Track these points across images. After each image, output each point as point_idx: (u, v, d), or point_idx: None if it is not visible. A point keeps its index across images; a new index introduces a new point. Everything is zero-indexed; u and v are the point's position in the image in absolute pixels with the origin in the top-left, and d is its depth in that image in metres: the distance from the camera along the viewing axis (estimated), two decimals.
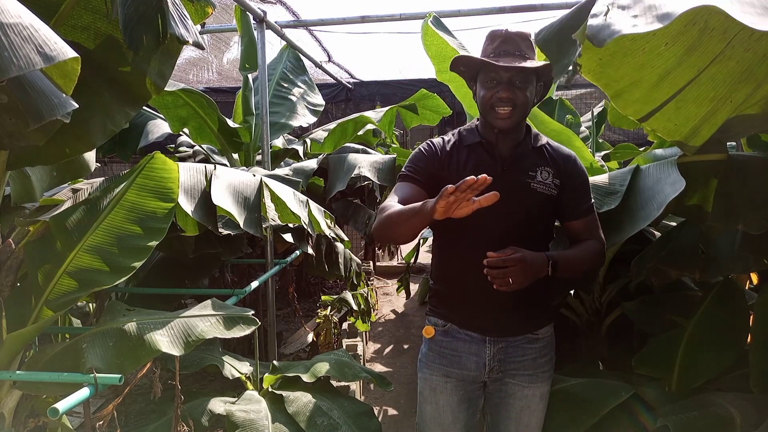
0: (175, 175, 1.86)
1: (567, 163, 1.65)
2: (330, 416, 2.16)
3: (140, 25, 1.57)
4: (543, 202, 1.59)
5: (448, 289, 1.67)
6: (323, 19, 4.41)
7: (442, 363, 1.65)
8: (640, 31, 1.09)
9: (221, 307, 1.84)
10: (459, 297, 1.65)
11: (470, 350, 1.62)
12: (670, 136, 1.67)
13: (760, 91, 1.50)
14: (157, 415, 2.17)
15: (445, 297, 1.68)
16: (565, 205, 1.63)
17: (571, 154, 1.68)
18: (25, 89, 1.26)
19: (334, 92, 7.52)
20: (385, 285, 6.75)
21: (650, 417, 1.93)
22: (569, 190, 1.63)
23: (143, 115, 4.13)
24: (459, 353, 1.63)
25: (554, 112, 4.05)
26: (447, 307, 1.67)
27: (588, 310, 2.81)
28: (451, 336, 1.64)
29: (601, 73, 1.40)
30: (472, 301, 1.61)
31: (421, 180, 1.60)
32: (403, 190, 1.58)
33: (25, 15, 1.12)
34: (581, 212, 1.64)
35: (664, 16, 1.09)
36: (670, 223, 2.51)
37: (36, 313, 1.70)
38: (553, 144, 1.69)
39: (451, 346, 1.64)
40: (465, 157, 1.61)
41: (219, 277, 3.74)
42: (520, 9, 3.89)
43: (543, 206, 1.60)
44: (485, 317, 1.61)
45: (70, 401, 1.39)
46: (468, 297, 1.62)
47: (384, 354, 4.56)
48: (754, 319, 2.01)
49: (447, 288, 1.68)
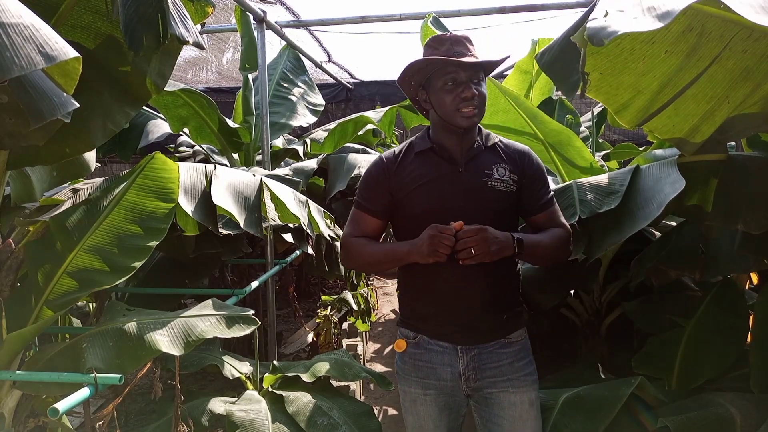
0: (175, 175, 1.86)
1: (522, 158, 1.63)
2: (330, 416, 2.16)
3: (141, 25, 1.57)
4: (503, 199, 1.57)
5: (416, 298, 1.64)
6: (323, 19, 4.41)
7: (419, 375, 1.61)
8: (640, 29, 1.10)
9: (221, 307, 1.84)
10: (427, 306, 1.61)
11: (443, 361, 1.58)
12: (668, 134, 1.67)
13: (758, 92, 1.50)
14: (157, 415, 2.17)
15: (413, 307, 1.65)
16: (525, 201, 1.61)
17: (525, 148, 1.67)
18: (26, 89, 1.26)
19: (334, 92, 7.53)
20: (385, 285, 6.75)
21: (650, 416, 1.93)
22: (527, 184, 1.61)
23: (143, 115, 4.13)
24: (433, 364, 1.59)
25: (554, 112, 4.05)
26: (416, 317, 1.63)
27: (588, 310, 2.81)
28: (423, 348, 1.61)
29: (601, 83, 1.40)
30: (439, 309, 1.58)
31: (377, 210, 1.62)
32: (362, 226, 1.63)
33: (26, 15, 1.12)
34: (542, 205, 1.63)
35: (664, 15, 1.09)
36: (670, 223, 2.51)
37: (36, 313, 1.70)
38: (505, 141, 1.66)
39: (424, 358, 1.60)
40: (417, 164, 1.59)
41: (219, 277, 3.74)
42: (520, 9, 3.90)
43: (503, 203, 1.58)
44: (454, 325, 1.57)
45: (70, 401, 1.39)
46: (436, 305, 1.59)
47: (384, 354, 4.56)
48: (754, 319, 2.01)
49: (414, 297, 1.65)
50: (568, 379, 2.33)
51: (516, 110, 2.58)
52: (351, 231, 1.63)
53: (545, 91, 4.04)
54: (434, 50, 1.54)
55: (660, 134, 1.67)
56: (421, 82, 1.59)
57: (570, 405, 1.91)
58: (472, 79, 1.51)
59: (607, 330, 2.79)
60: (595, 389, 1.98)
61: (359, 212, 1.64)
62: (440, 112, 1.55)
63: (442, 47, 1.53)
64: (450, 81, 1.51)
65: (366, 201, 1.63)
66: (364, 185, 1.65)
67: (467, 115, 1.51)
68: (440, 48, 1.53)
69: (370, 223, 1.63)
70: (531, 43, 3.96)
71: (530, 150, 1.68)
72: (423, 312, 1.62)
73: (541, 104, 3.94)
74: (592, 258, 1.96)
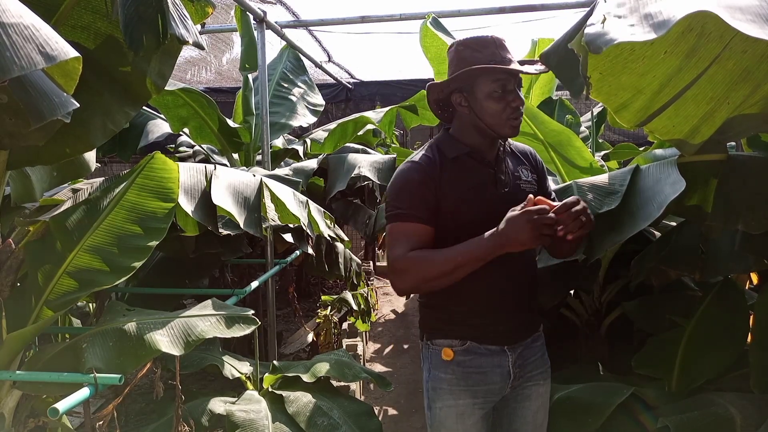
0: (175, 175, 1.86)
1: (534, 157, 1.67)
2: (330, 416, 2.16)
3: (141, 25, 1.57)
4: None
5: (460, 303, 1.53)
6: (323, 19, 4.41)
7: (468, 384, 1.52)
8: (637, 39, 1.10)
9: (221, 306, 1.84)
10: (476, 311, 1.54)
11: (493, 363, 1.53)
12: (668, 135, 1.67)
13: (759, 92, 1.50)
14: (157, 415, 2.17)
15: (460, 315, 1.54)
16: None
17: (529, 147, 1.69)
18: (26, 89, 1.26)
19: (334, 92, 7.53)
20: (385, 285, 6.75)
21: (650, 417, 1.93)
22: (541, 182, 1.65)
23: (143, 115, 4.13)
24: (484, 369, 1.53)
25: (554, 112, 4.05)
26: (463, 324, 1.54)
27: (588, 310, 2.81)
28: (473, 353, 1.52)
29: (601, 84, 1.40)
30: (488, 312, 1.54)
31: (428, 218, 1.44)
32: (416, 238, 1.42)
33: (27, 15, 1.12)
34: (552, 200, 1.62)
35: (660, 25, 1.09)
36: (670, 223, 2.51)
37: (36, 313, 1.70)
38: (512, 142, 1.67)
39: (474, 364, 1.52)
40: (457, 171, 1.51)
41: (219, 277, 3.74)
42: (520, 9, 3.90)
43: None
44: (502, 326, 1.55)
45: (70, 401, 1.39)
46: (485, 309, 1.54)
47: (384, 354, 4.56)
48: (754, 319, 2.01)
49: (461, 304, 1.54)
50: (568, 378, 2.33)
51: None
52: (404, 248, 1.41)
53: (545, 91, 4.05)
54: (475, 53, 1.46)
55: (660, 135, 1.67)
56: (460, 85, 1.49)
57: (560, 406, 1.92)
58: (516, 87, 1.49)
59: (607, 330, 2.79)
60: (588, 392, 1.99)
61: (408, 224, 1.43)
62: (486, 120, 1.48)
63: (485, 50, 1.46)
64: (500, 88, 1.45)
65: (413, 209, 1.44)
66: (405, 194, 1.46)
67: (516, 125, 1.49)
68: (484, 51, 1.46)
69: (423, 233, 1.44)
70: (531, 43, 3.96)
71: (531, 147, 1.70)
72: (470, 317, 1.53)
73: (541, 104, 3.95)
74: (592, 258, 1.96)
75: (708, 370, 2.07)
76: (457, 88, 1.50)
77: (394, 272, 1.42)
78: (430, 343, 1.57)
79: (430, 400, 1.57)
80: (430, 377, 1.57)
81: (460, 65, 1.47)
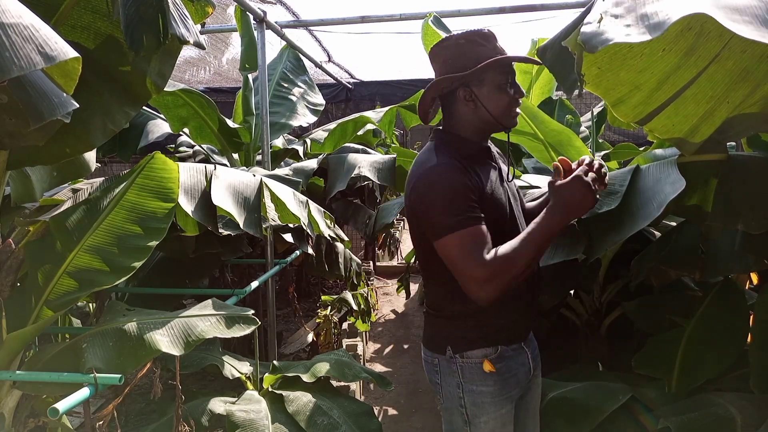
0: (175, 175, 1.86)
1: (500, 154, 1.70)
2: (330, 416, 2.16)
3: (141, 25, 1.57)
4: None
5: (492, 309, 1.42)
6: (323, 19, 4.41)
7: (506, 389, 1.47)
8: (632, 41, 1.10)
9: (221, 306, 1.84)
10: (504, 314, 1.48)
11: (519, 362, 1.51)
12: (668, 134, 1.67)
13: (758, 92, 1.50)
14: (157, 415, 2.17)
15: (490, 320, 1.47)
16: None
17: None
18: (26, 89, 1.26)
19: (334, 92, 7.53)
20: (385, 285, 6.75)
21: (650, 418, 1.93)
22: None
23: (143, 115, 4.13)
24: (514, 371, 1.49)
25: (554, 112, 4.05)
26: (494, 330, 1.48)
27: (588, 310, 2.82)
28: (504, 358, 1.48)
29: (600, 79, 1.40)
30: (514, 312, 1.51)
31: (482, 217, 1.36)
32: (486, 239, 1.33)
33: (26, 15, 1.12)
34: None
35: (656, 27, 1.09)
36: (670, 223, 2.51)
37: (36, 313, 1.70)
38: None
39: (508, 369, 1.48)
40: (476, 169, 1.44)
41: (219, 277, 3.74)
42: (520, 9, 3.90)
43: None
44: (521, 323, 1.54)
45: (70, 401, 1.39)
46: (511, 309, 1.50)
47: (384, 354, 4.56)
48: (754, 319, 2.01)
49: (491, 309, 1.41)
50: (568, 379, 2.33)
51: None
52: (480, 254, 1.30)
53: (545, 91, 4.05)
54: (480, 46, 1.44)
55: (660, 134, 1.67)
56: (469, 80, 1.44)
57: (553, 406, 1.92)
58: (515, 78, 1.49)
59: (607, 330, 2.79)
60: (584, 393, 1.99)
61: (473, 228, 1.33)
62: (494, 112, 1.45)
63: (489, 43, 1.44)
64: (508, 80, 1.44)
65: (473, 210, 1.35)
66: (459, 197, 1.35)
67: (515, 115, 1.49)
68: (488, 44, 1.44)
69: (486, 234, 1.35)
70: (531, 43, 3.96)
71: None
72: (501, 320, 1.47)
73: (541, 104, 3.95)
74: (592, 258, 1.96)
75: (708, 370, 2.07)
76: (464, 83, 1.45)
77: (480, 282, 1.29)
78: (459, 356, 1.46)
79: (471, 416, 1.47)
80: (465, 392, 1.46)
81: (463, 59, 1.43)
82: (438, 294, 1.53)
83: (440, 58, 1.48)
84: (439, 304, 1.52)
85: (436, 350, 1.51)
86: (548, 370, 3.03)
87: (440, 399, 1.52)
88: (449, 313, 1.49)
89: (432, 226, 1.37)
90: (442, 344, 1.49)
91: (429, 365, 1.54)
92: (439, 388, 1.51)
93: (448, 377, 1.48)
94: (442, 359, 1.49)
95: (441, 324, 1.51)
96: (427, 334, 1.56)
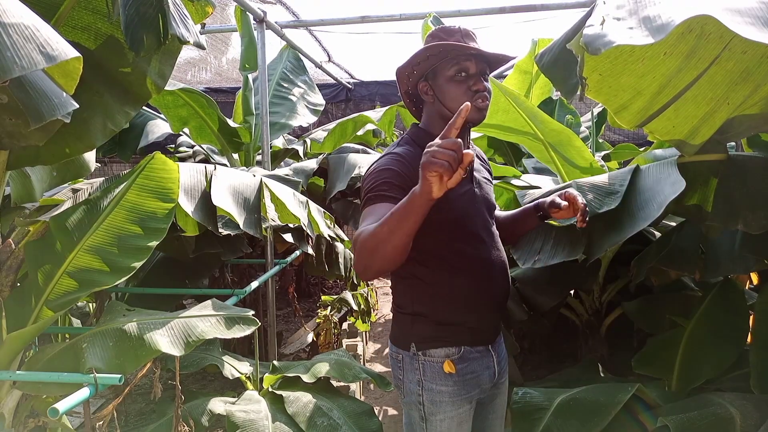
0: (175, 175, 1.86)
1: (483, 156, 1.70)
2: (330, 416, 2.16)
3: (141, 25, 1.57)
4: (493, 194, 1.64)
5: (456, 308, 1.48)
6: (323, 19, 4.41)
7: (467, 391, 1.49)
8: (635, 43, 1.10)
9: (221, 307, 1.84)
10: (468, 312, 1.49)
11: (483, 365, 1.52)
12: (668, 136, 1.67)
13: (758, 93, 1.50)
14: (157, 415, 2.17)
15: (454, 319, 1.48)
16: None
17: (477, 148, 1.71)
18: (26, 89, 1.26)
19: (334, 92, 7.53)
20: (385, 285, 6.75)
21: (650, 417, 1.93)
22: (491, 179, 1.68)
23: (143, 115, 4.14)
24: (477, 373, 1.50)
25: (554, 112, 4.05)
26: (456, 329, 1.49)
27: (588, 310, 2.82)
28: (467, 359, 1.49)
29: (601, 85, 1.40)
30: (479, 312, 1.51)
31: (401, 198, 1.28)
32: (384, 213, 1.25)
33: (27, 15, 1.12)
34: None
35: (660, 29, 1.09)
36: (670, 223, 2.51)
37: (36, 313, 1.70)
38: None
39: (470, 370, 1.49)
40: None
41: (219, 277, 3.75)
42: (520, 9, 3.90)
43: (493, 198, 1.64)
44: (490, 324, 1.55)
45: (70, 401, 1.39)
46: (476, 308, 1.50)
47: (384, 354, 4.56)
48: (754, 319, 2.01)
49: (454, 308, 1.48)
50: (568, 380, 2.33)
51: (516, 110, 2.58)
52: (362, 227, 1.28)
53: (545, 91, 4.05)
54: (443, 40, 1.44)
55: (660, 135, 1.67)
56: (424, 72, 1.46)
57: (564, 408, 1.92)
58: (483, 73, 1.46)
59: (607, 330, 2.79)
60: (592, 393, 1.98)
61: (380, 204, 1.31)
62: (448, 104, 1.44)
63: (451, 38, 1.45)
64: (462, 71, 1.42)
65: (391, 190, 1.33)
66: (385, 179, 1.35)
67: (481, 106, 1.43)
68: (450, 39, 1.45)
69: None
70: (531, 43, 3.96)
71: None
72: (463, 320, 1.48)
73: (541, 104, 3.94)
74: (592, 258, 1.96)
75: (708, 370, 2.07)
76: (422, 77, 1.48)
77: (357, 251, 1.24)
78: (421, 354, 1.48)
79: (427, 413, 1.48)
80: (424, 390, 1.48)
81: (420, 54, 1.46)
82: (401, 291, 1.54)
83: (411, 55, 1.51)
84: (402, 301, 1.53)
85: (401, 346, 1.52)
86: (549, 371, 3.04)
87: (401, 394, 1.54)
88: (411, 310, 1.50)
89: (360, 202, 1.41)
90: (407, 341, 1.50)
91: (393, 360, 1.56)
92: (401, 383, 1.53)
93: (409, 373, 1.50)
94: (406, 355, 1.51)
95: (406, 321, 1.52)
96: (394, 330, 1.57)
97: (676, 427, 1.71)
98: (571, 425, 1.84)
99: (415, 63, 1.47)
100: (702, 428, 1.71)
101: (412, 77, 1.51)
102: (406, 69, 1.49)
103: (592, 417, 1.85)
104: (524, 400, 1.99)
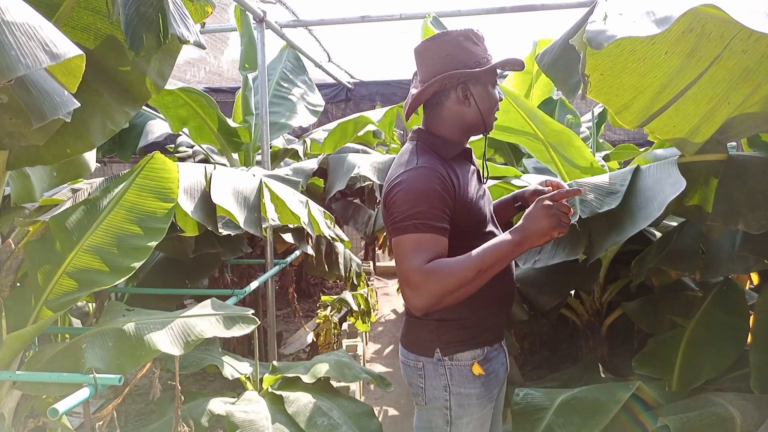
0: (175, 175, 1.86)
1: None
2: (330, 416, 2.16)
3: (141, 25, 1.57)
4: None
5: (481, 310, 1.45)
6: (323, 19, 4.41)
7: (489, 390, 1.47)
8: (639, 34, 1.10)
9: (221, 306, 1.84)
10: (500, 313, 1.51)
11: (499, 362, 1.52)
12: (669, 135, 1.67)
13: (759, 92, 1.50)
14: (157, 415, 2.17)
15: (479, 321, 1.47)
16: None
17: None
18: (28, 88, 1.26)
19: (334, 92, 7.52)
20: (385, 285, 6.75)
21: (650, 417, 1.93)
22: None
23: (143, 115, 4.13)
24: (496, 371, 1.50)
25: (554, 112, 4.05)
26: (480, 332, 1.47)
27: (588, 310, 2.81)
28: (489, 359, 1.48)
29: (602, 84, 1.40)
30: (500, 312, 1.52)
31: (446, 231, 1.33)
32: (438, 250, 1.29)
33: (30, 14, 1.12)
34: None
35: (663, 21, 1.09)
36: (671, 223, 2.51)
37: (36, 313, 1.70)
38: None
39: (492, 369, 1.48)
40: (458, 172, 1.43)
41: (219, 277, 3.74)
42: (520, 9, 3.90)
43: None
44: (503, 324, 1.56)
45: (70, 401, 1.39)
46: (505, 309, 1.53)
47: (384, 354, 4.56)
48: (754, 319, 2.01)
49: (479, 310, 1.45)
50: (569, 380, 2.33)
51: (516, 110, 2.58)
52: (424, 257, 1.27)
53: (545, 91, 4.05)
54: (476, 46, 1.42)
55: (661, 135, 1.67)
56: (471, 76, 1.41)
57: (566, 407, 1.92)
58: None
59: (608, 330, 2.79)
60: (593, 392, 1.98)
61: (428, 236, 1.29)
62: (485, 113, 1.45)
63: (482, 44, 1.45)
64: (495, 83, 1.48)
65: (437, 220, 1.31)
66: (428, 202, 1.31)
67: (495, 118, 1.51)
68: (480, 45, 1.44)
69: (442, 247, 1.30)
70: (531, 44, 3.96)
71: None
72: (493, 321, 1.49)
73: (541, 104, 3.95)
74: (592, 258, 1.96)
75: (708, 370, 2.07)
76: (463, 81, 1.42)
77: (410, 287, 1.26)
78: (447, 359, 1.44)
79: (454, 417, 1.45)
80: (452, 394, 1.44)
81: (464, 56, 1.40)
82: None
83: (438, 53, 1.43)
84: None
85: (421, 353, 1.47)
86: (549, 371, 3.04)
87: (421, 400, 1.49)
88: (438, 317, 1.44)
89: (392, 224, 1.34)
90: (430, 347, 1.46)
91: (410, 368, 1.50)
92: (421, 391, 1.47)
93: (433, 380, 1.45)
94: (428, 362, 1.46)
95: (429, 327, 1.46)
96: (410, 338, 1.52)
97: (676, 427, 1.71)
98: (573, 423, 1.84)
99: (471, 65, 1.40)
100: (702, 428, 1.71)
101: (462, 78, 1.42)
102: (455, 66, 1.41)
103: (593, 415, 1.85)
104: (525, 400, 1.99)
